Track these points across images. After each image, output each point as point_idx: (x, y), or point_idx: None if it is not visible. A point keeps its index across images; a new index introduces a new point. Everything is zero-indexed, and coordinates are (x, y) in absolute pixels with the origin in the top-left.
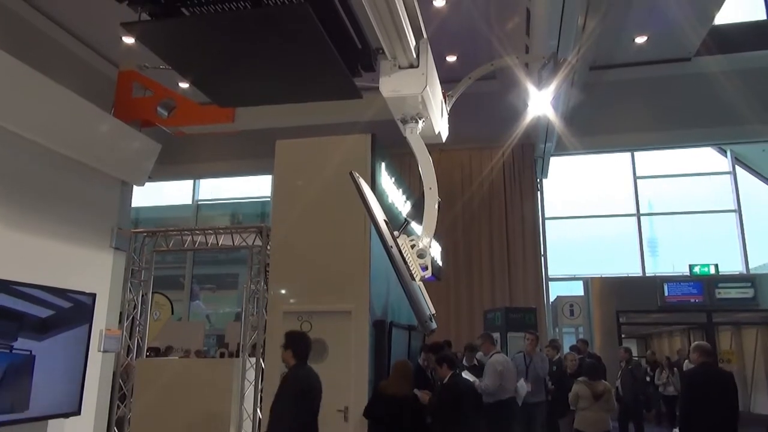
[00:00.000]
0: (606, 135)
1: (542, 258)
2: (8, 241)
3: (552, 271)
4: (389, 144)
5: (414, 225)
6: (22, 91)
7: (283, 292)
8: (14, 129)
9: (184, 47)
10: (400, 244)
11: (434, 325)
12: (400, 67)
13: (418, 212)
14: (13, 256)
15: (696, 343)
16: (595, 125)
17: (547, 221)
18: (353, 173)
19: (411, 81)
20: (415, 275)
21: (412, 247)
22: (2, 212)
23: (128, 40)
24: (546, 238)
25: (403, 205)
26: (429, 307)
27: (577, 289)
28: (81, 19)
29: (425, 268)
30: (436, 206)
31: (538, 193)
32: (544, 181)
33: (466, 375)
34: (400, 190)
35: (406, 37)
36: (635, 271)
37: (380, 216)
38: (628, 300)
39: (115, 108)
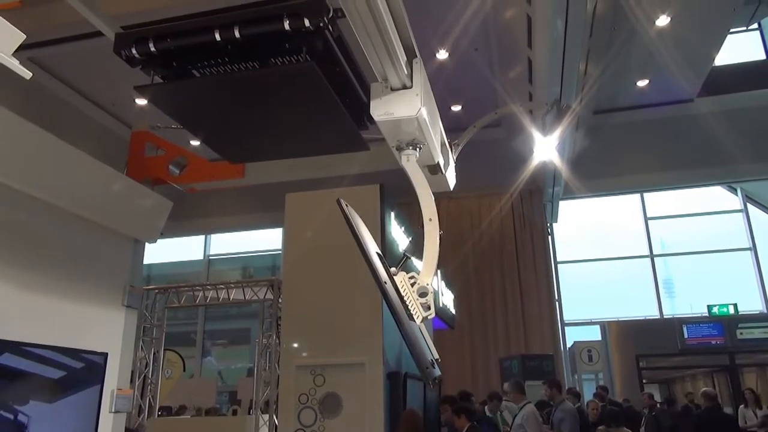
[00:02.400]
0: (614, 177)
1: (557, 303)
2: (21, 302)
3: (567, 316)
4: (398, 193)
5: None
6: (37, 153)
7: (295, 345)
8: (28, 191)
9: (195, 107)
10: (398, 282)
11: (437, 372)
12: (392, 89)
13: (417, 247)
14: (26, 316)
15: (703, 389)
16: (603, 168)
17: (559, 265)
18: (340, 201)
19: (404, 103)
20: (415, 315)
21: (413, 285)
22: (15, 273)
23: (141, 101)
24: (559, 282)
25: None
26: (431, 352)
27: (594, 334)
28: (96, 83)
29: (428, 308)
30: (438, 239)
31: (549, 237)
32: (554, 225)
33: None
34: (410, 238)
35: (397, 55)
36: (652, 313)
37: (372, 248)
38: (648, 343)
39: (128, 167)
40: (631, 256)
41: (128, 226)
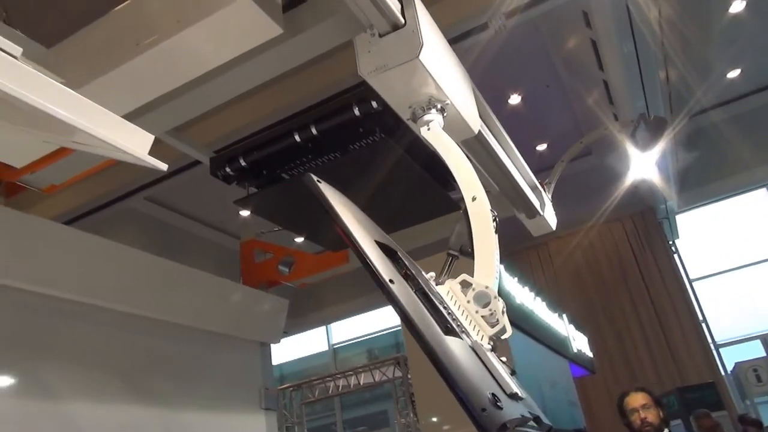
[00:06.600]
0: (729, 178)
1: (702, 324)
2: (162, 421)
3: (718, 337)
4: (501, 245)
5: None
6: (164, 282)
7: (434, 419)
8: (159, 317)
9: (290, 207)
10: (444, 292)
11: (506, 414)
12: (380, 35)
13: (463, 239)
14: None
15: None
16: (714, 171)
17: (694, 283)
18: (311, 176)
19: (399, 46)
20: (477, 335)
21: (467, 293)
22: (156, 396)
23: (244, 213)
24: (699, 301)
25: (533, 302)
26: (500, 385)
27: (756, 351)
28: (202, 205)
29: (494, 323)
30: (492, 223)
31: (675, 255)
32: (677, 242)
33: None
34: (526, 287)
35: None
36: None
37: (367, 235)
38: None
39: (243, 276)
40: None
41: (252, 331)
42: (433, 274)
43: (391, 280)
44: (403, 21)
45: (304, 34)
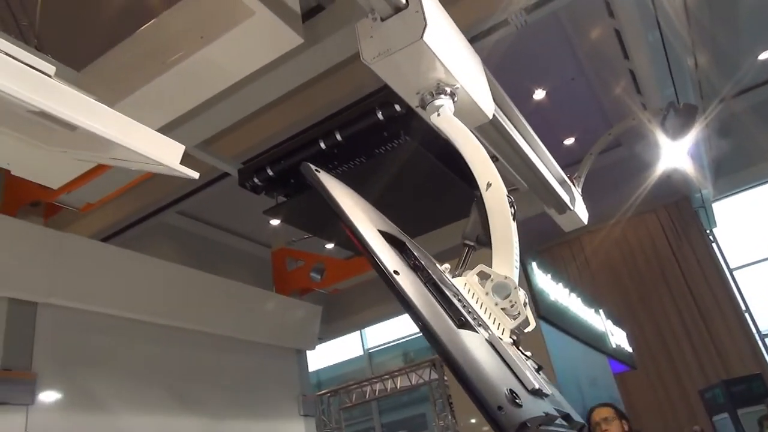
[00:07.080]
0: (766, 162)
1: (746, 314)
2: (204, 430)
3: (764, 326)
4: (533, 242)
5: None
6: (202, 294)
7: (473, 421)
8: (198, 328)
9: (318, 215)
10: (460, 285)
11: (529, 412)
12: (381, 19)
13: (479, 228)
14: None
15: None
16: (750, 156)
17: (735, 272)
18: (308, 165)
19: (402, 28)
20: (497, 329)
21: (485, 285)
22: (196, 406)
23: (274, 222)
24: (741, 290)
25: (567, 298)
26: (522, 379)
27: None
28: (232, 215)
29: (516, 315)
30: (509, 210)
31: (713, 245)
32: (714, 230)
33: None
34: (560, 284)
35: None
36: None
37: (370, 225)
38: None
39: (275, 284)
40: None
41: (288, 338)
42: (448, 266)
43: (396, 271)
44: (404, 2)
45: (323, 43)
